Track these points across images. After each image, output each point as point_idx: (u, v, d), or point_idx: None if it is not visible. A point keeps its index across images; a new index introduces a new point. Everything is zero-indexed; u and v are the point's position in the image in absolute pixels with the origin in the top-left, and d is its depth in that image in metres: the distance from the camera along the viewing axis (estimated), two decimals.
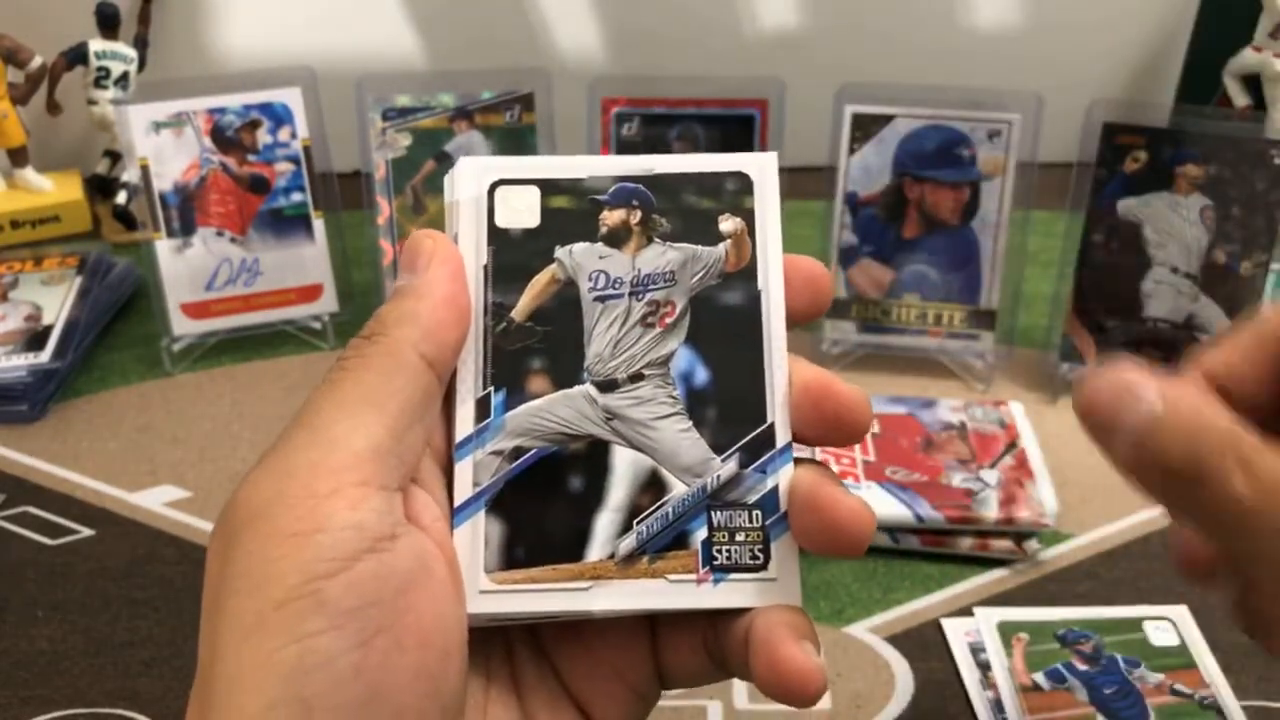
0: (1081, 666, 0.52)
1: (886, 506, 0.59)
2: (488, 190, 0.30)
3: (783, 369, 0.29)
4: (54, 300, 0.78)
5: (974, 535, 0.59)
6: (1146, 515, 0.63)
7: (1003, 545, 0.59)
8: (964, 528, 0.59)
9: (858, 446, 0.64)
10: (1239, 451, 0.25)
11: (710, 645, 0.29)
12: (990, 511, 0.59)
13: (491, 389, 0.29)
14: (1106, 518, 0.63)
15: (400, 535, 0.26)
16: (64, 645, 0.55)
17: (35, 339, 0.75)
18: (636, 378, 0.29)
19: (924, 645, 0.54)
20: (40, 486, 0.66)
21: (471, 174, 0.30)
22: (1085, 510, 0.63)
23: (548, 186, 0.30)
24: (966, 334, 0.75)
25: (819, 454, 0.63)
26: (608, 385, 0.29)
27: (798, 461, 0.29)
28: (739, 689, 0.52)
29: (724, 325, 0.30)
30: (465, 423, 0.29)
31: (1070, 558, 0.60)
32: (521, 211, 0.30)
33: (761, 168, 0.31)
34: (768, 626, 0.27)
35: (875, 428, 0.66)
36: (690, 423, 0.29)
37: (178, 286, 0.76)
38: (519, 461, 0.29)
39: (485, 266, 0.30)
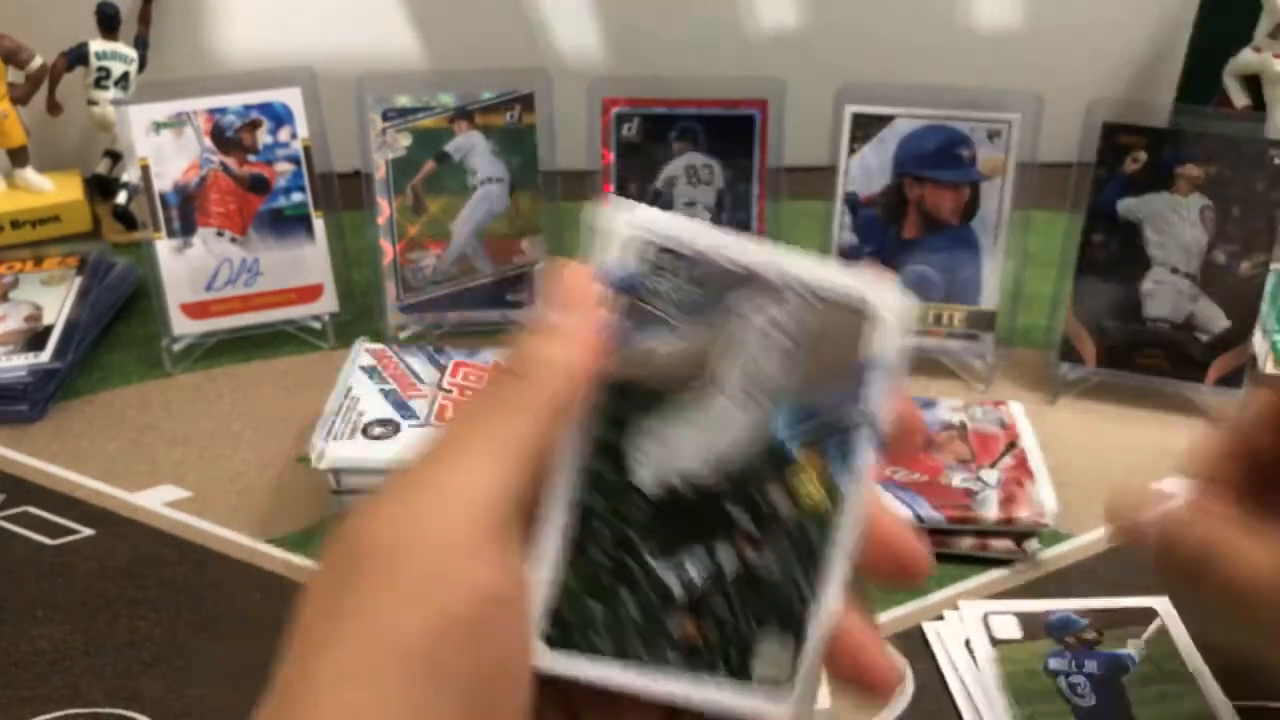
0: (1067, 656, 0.52)
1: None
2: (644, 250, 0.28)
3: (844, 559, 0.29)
4: (54, 300, 0.78)
5: (974, 535, 0.59)
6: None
7: (1003, 545, 0.59)
8: (964, 527, 0.59)
9: None
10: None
11: None
12: (990, 511, 0.59)
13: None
14: None
15: (517, 597, 0.25)
16: (64, 645, 0.55)
17: (35, 339, 0.75)
18: None
19: (923, 645, 0.54)
20: (40, 486, 0.66)
21: (625, 229, 0.28)
22: (1085, 510, 0.63)
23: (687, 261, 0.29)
24: (966, 334, 0.75)
25: None
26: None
27: None
28: None
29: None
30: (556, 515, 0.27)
31: (1070, 557, 0.60)
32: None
33: (885, 301, 0.30)
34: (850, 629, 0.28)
35: None
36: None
37: (178, 286, 0.76)
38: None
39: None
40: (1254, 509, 0.33)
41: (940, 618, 0.56)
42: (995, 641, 0.54)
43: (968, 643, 0.54)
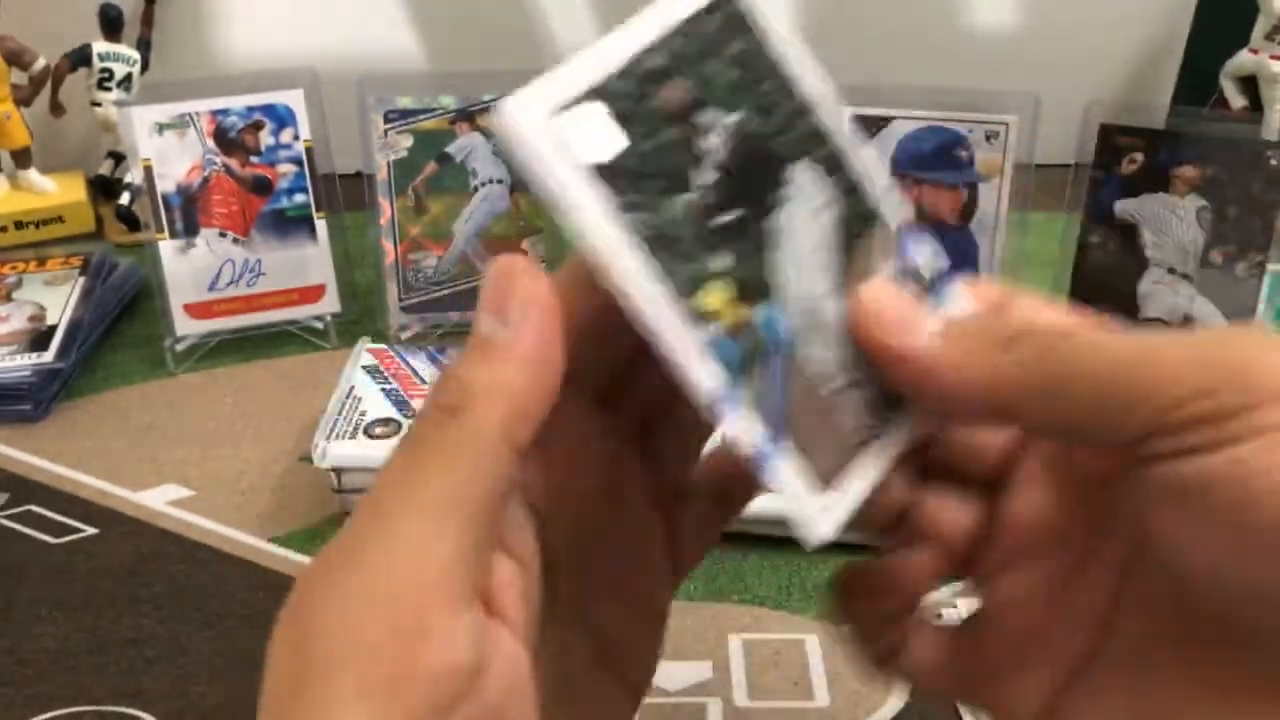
0: None
1: None
2: (552, 127, 0.24)
3: (867, 161, 0.29)
4: (57, 300, 0.79)
5: None
6: None
7: None
8: None
9: None
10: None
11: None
12: None
13: (701, 329, 0.25)
14: None
15: (491, 662, 0.23)
16: (67, 643, 0.55)
17: (39, 339, 0.75)
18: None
19: None
20: (44, 485, 0.66)
21: (525, 115, 0.24)
22: None
23: (603, 94, 0.25)
24: None
25: None
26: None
27: None
28: (739, 688, 0.52)
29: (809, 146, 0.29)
30: (709, 375, 0.25)
31: None
32: (601, 134, 0.25)
33: None
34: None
35: None
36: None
37: (181, 287, 0.76)
38: (772, 373, 0.26)
39: (618, 209, 0.24)
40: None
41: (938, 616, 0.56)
42: None
43: None
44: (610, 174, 0.24)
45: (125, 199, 0.93)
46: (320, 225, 0.78)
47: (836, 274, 0.28)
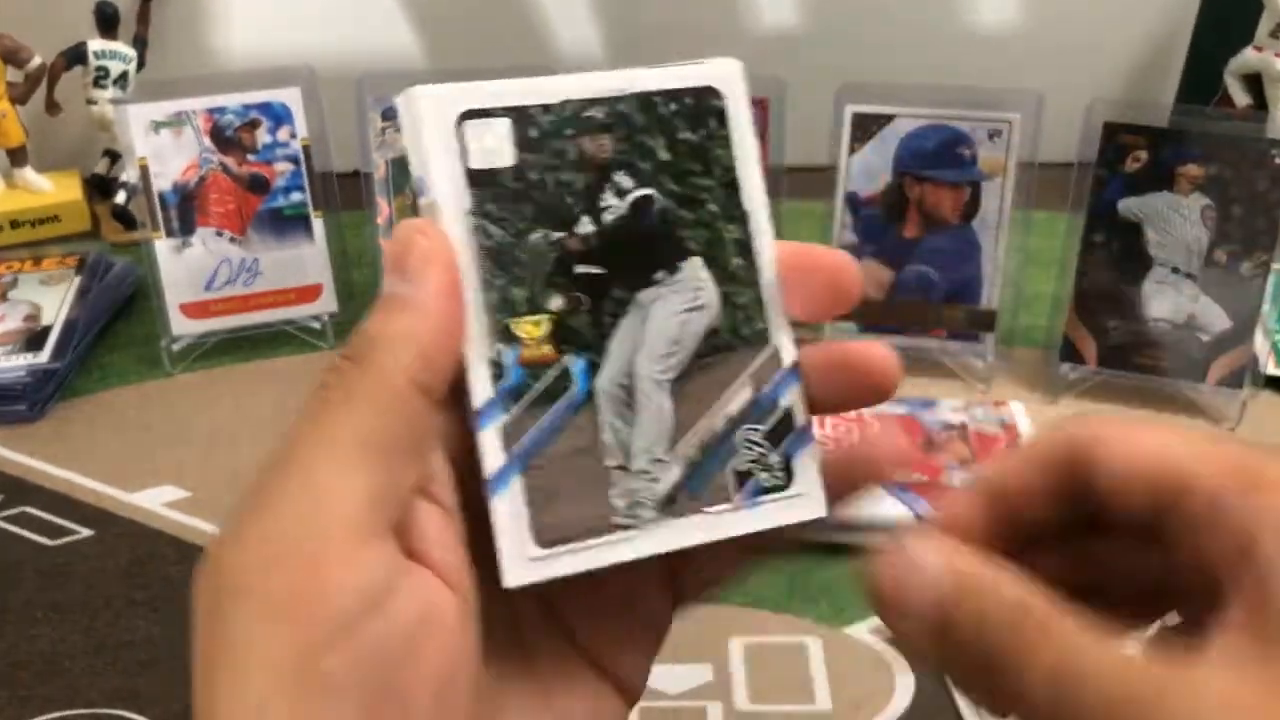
0: None
1: (887, 507, 0.59)
2: (455, 126, 0.27)
3: (775, 290, 0.29)
4: (53, 300, 0.78)
5: None
6: None
7: None
8: None
9: None
10: (1027, 638, 0.23)
11: (741, 556, 0.30)
12: None
13: (502, 347, 0.27)
14: None
15: (400, 588, 0.24)
16: (63, 645, 0.55)
17: (34, 339, 0.74)
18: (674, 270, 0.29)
19: None
20: (39, 487, 0.66)
21: (433, 107, 0.27)
22: None
23: (519, 116, 0.28)
24: (967, 334, 0.75)
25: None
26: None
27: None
28: (739, 689, 0.52)
29: (718, 251, 0.29)
30: (482, 388, 0.27)
31: None
32: (495, 149, 0.28)
33: (729, 79, 0.30)
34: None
35: (876, 427, 0.66)
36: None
37: (177, 286, 0.76)
38: (547, 418, 0.28)
39: (470, 212, 0.27)
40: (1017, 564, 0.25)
41: None
42: None
43: None
44: (482, 181, 0.27)
45: (121, 198, 0.92)
46: (317, 224, 0.78)
47: (675, 370, 0.29)
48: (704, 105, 0.30)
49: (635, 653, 0.30)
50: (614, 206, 0.29)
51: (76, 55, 0.92)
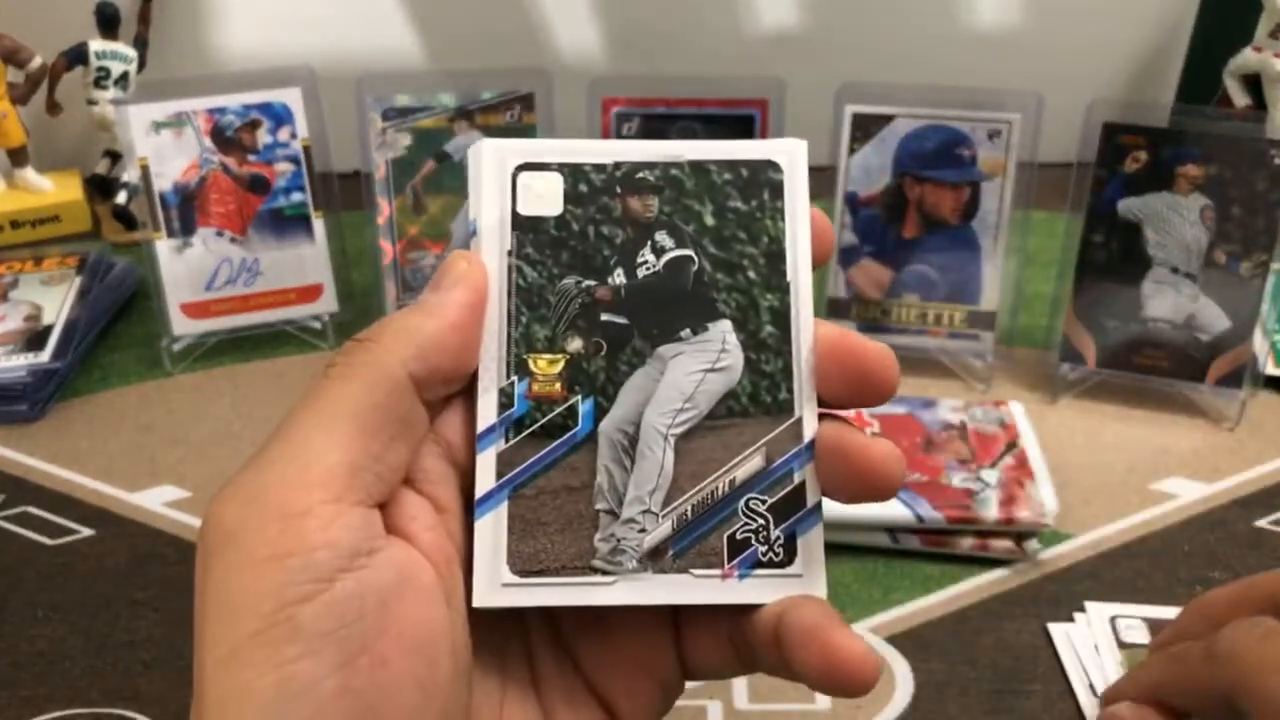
0: None
1: (886, 507, 0.59)
2: (511, 175, 0.30)
3: (809, 363, 0.29)
4: (54, 300, 0.78)
5: (974, 535, 0.59)
6: (1146, 515, 0.63)
7: (1003, 545, 0.59)
8: (964, 528, 0.59)
9: None
10: None
11: (735, 639, 0.29)
12: (990, 511, 0.59)
13: (515, 378, 0.29)
14: (1106, 518, 0.63)
15: (378, 550, 0.25)
16: (64, 645, 0.55)
17: (35, 339, 0.75)
18: (700, 329, 0.30)
19: (924, 645, 0.54)
20: (40, 486, 0.66)
21: (494, 157, 0.30)
22: (1085, 510, 0.63)
23: (572, 172, 0.30)
24: (966, 334, 0.75)
25: None
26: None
27: (820, 417, 0.29)
28: (739, 689, 0.52)
29: (752, 317, 0.29)
30: (488, 413, 0.28)
31: (1070, 558, 0.60)
32: (544, 198, 0.30)
33: (791, 155, 0.31)
34: (811, 619, 0.27)
35: (875, 427, 0.66)
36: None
37: (177, 286, 0.76)
38: (544, 452, 0.28)
39: (509, 252, 0.29)
40: None
41: (1070, 619, 0.55)
42: (1122, 645, 0.53)
43: (1096, 647, 0.53)
44: (527, 226, 0.30)
45: (122, 198, 0.92)
46: (318, 224, 0.78)
47: (684, 426, 0.29)
48: (760, 177, 0.30)
49: (641, 699, 0.30)
50: (650, 263, 0.30)
51: (77, 55, 0.92)
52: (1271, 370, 0.73)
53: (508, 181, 0.30)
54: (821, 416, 0.29)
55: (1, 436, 0.70)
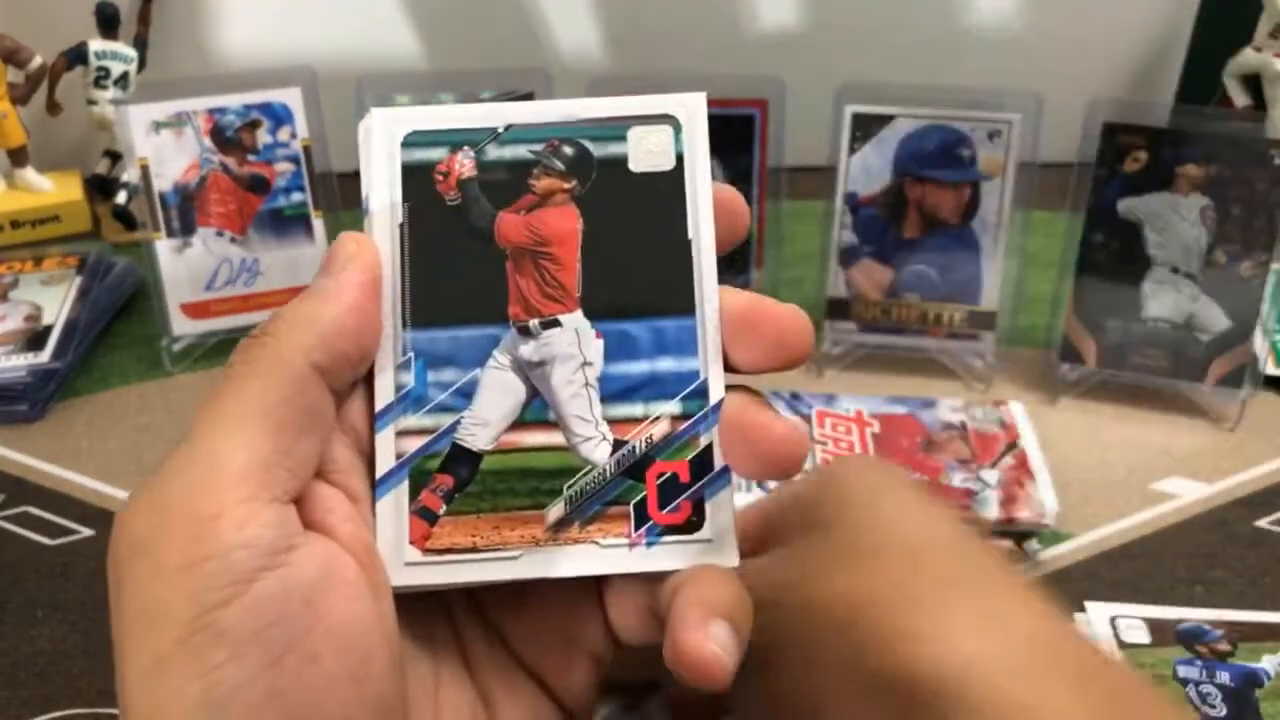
0: (1198, 665, 0.51)
1: None
2: (401, 143, 0.29)
3: (714, 322, 0.28)
4: (54, 300, 0.78)
5: None
6: (1146, 515, 0.63)
7: (1003, 545, 0.59)
8: None
9: (857, 446, 0.64)
10: None
11: (654, 607, 0.28)
12: (990, 511, 0.59)
13: (411, 355, 0.28)
14: (1106, 518, 0.63)
15: (298, 546, 0.24)
16: (64, 645, 0.55)
17: (35, 339, 0.75)
18: (550, 324, 0.28)
19: None
20: (40, 486, 0.66)
21: (384, 126, 0.29)
22: (1085, 510, 0.63)
23: (465, 139, 0.29)
24: (966, 334, 0.75)
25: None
26: (523, 332, 0.29)
27: (728, 388, 0.28)
28: None
29: (650, 275, 0.29)
30: (385, 392, 0.28)
31: (1070, 558, 0.60)
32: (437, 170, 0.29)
33: (690, 110, 0.30)
34: (682, 604, 0.26)
35: (875, 427, 0.66)
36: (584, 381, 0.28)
37: (178, 286, 0.76)
38: (444, 428, 0.28)
39: (401, 226, 0.28)
40: None
41: (1070, 619, 0.55)
42: (1122, 645, 0.53)
43: None
44: (419, 197, 0.29)
45: (122, 198, 0.92)
46: (318, 224, 0.78)
47: (514, 413, 0.28)
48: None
49: (574, 672, 0.30)
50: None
51: (77, 55, 0.92)
52: (1272, 370, 0.73)
53: (397, 151, 0.29)
54: (734, 388, 0.28)
55: (1, 436, 0.70)
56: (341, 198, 0.79)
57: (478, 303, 0.28)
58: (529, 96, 0.76)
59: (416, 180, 0.29)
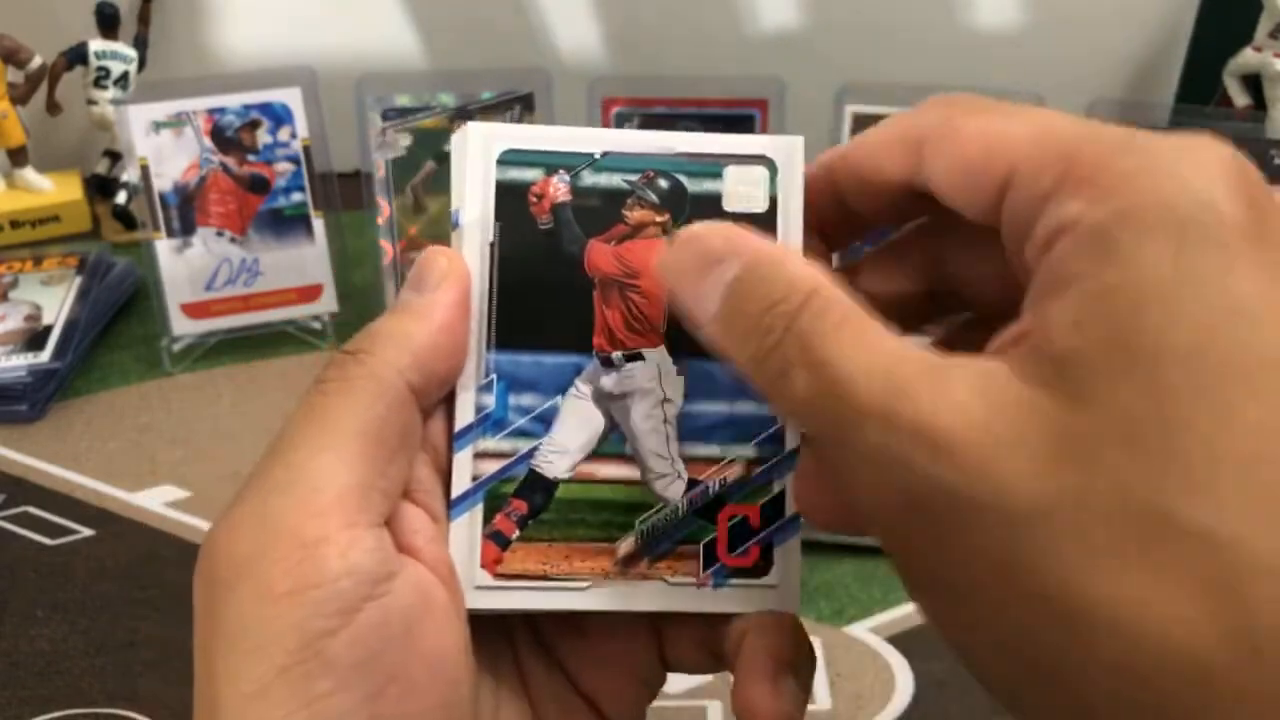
0: None
1: None
2: (496, 161, 0.28)
3: None
4: (54, 300, 0.78)
5: None
6: None
7: None
8: None
9: None
10: (804, 332, 0.22)
11: (710, 645, 0.29)
12: None
13: (494, 377, 0.28)
14: None
15: (396, 573, 0.24)
16: (64, 645, 0.55)
17: (35, 339, 0.75)
18: (634, 358, 0.28)
19: (924, 645, 0.54)
20: (40, 486, 0.66)
21: (480, 140, 0.28)
22: None
23: (561, 161, 0.28)
24: None
25: None
26: (605, 363, 0.28)
27: (803, 437, 0.28)
28: None
29: None
30: (465, 413, 0.28)
31: None
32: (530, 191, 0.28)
33: (788, 153, 0.30)
34: (751, 652, 0.26)
35: None
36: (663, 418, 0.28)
37: (177, 286, 0.76)
38: (523, 452, 0.28)
39: (491, 244, 0.28)
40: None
41: None
42: None
43: None
44: (512, 216, 0.28)
45: (122, 198, 0.92)
46: (318, 224, 0.78)
47: (592, 443, 0.28)
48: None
49: (627, 698, 0.30)
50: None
51: (77, 55, 0.92)
52: None
53: (493, 168, 0.28)
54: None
55: (1, 436, 0.70)
56: (342, 198, 0.79)
57: (563, 330, 0.28)
58: (529, 96, 0.76)
59: (509, 199, 0.28)
